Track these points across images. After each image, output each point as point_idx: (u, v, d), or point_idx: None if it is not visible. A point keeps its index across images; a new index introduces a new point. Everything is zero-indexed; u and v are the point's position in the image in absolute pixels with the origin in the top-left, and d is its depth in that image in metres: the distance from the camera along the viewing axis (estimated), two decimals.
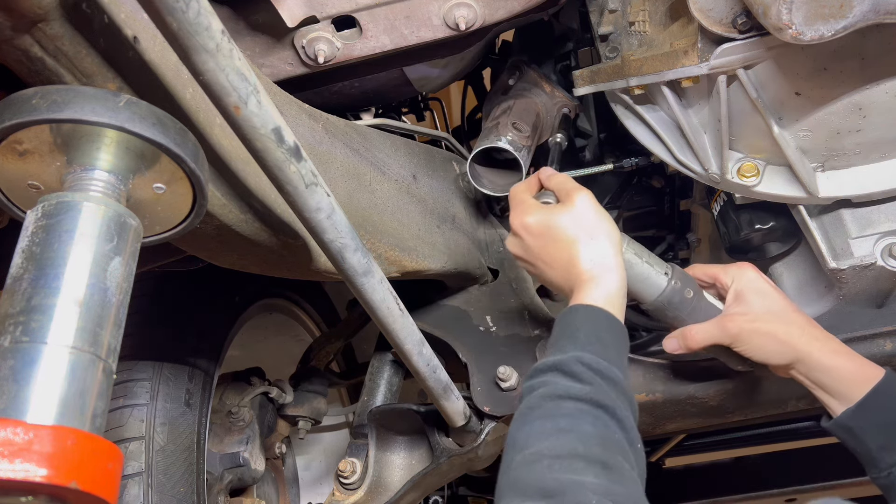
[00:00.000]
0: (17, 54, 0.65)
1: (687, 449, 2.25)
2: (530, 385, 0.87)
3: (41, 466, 0.52)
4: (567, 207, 1.00)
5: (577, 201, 1.00)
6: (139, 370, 1.35)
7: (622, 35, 1.16)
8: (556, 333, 0.94)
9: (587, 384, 0.83)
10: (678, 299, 1.08)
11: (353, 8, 1.08)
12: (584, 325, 0.92)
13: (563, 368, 0.85)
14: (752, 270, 1.08)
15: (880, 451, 0.95)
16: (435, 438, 1.46)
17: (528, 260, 1.04)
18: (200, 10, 0.60)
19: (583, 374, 0.84)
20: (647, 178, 1.67)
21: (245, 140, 0.71)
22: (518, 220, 1.03)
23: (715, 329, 1.05)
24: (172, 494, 1.28)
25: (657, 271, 1.08)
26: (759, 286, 1.06)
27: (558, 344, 0.91)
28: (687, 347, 1.08)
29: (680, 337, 1.09)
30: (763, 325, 1.03)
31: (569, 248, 0.98)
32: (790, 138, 1.06)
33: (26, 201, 0.69)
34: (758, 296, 1.05)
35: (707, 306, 1.10)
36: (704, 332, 1.06)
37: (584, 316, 0.93)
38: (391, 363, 1.65)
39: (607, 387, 0.84)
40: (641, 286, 1.08)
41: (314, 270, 1.08)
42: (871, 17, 0.82)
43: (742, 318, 1.04)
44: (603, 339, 0.90)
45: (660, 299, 1.08)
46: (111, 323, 0.63)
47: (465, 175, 1.32)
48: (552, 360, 0.87)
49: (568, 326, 0.92)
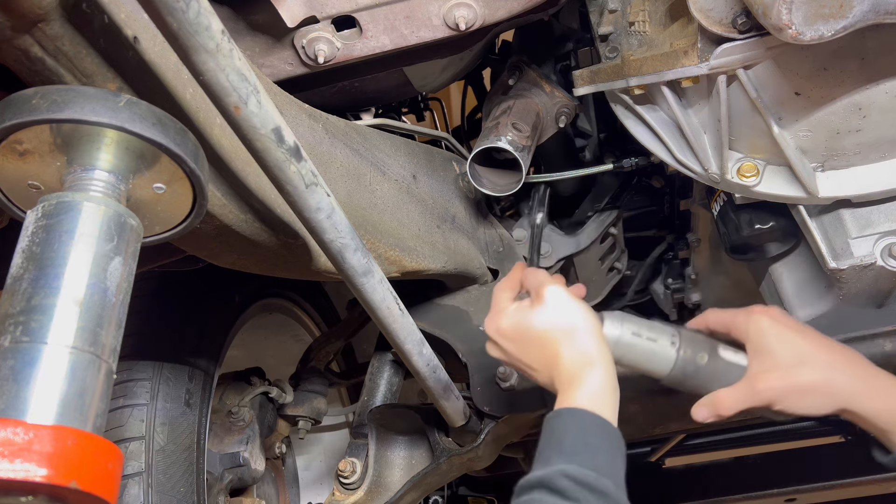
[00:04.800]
0: (17, 54, 0.65)
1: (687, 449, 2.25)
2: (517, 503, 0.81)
3: (41, 466, 0.52)
4: (538, 306, 0.96)
5: (548, 297, 0.95)
6: (139, 370, 1.35)
7: (622, 35, 1.16)
8: (543, 441, 0.88)
9: (573, 501, 0.79)
10: (692, 369, 0.99)
11: (353, 8, 1.08)
12: (570, 430, 0.86)
13: (549, 485, 0.81)
14: (764, 315, 0.99)
15: None
16: (435, 438, 1.46)
17: (511, 363, 1.00)
18: (200, 10, 0.60)
19: (569, 490, 0.80)
20: (647, 178, 1.67)
21: (245, 140, 0.71)
22: (492, 325, 1.00)
23: (745, 393, 0.96)
24: (172, 494, 1.28)
25: (663, 344, 1.00)
26: (779, 333, 0.97)
27: (544, 454, 0.86)
28: (718, 416, 0.98)
29: (710, 405, 0.99)
30: (797, 380, 0.94)
31: (546, 349, 0.94)
32: (790, 138, 1.06)
33: (26, 201, 0.69)
34: (781, 344, 0.96)
35: (727, 367, 1.00)
36: (734, 398, 0.97)
37: (569, 420, 0.88)
38: (391, 363, 1.65)
39: (595, 501, 0.80)
40: (649, 365, 1.00)
41: (314, 270, 1.08)
42: (871, 17, 0.82)
43: (772, 376, 0.95)
44: (591, 445, 0.85)
45: (673, 374, 1.00)
46: (111, 323, 0.63)
47: (465, 175, 1.32)
48: (538, 475, 0.82)
49: (553, 433, 0.87)
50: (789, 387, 0.94)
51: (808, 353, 0.95)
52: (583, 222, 1.65)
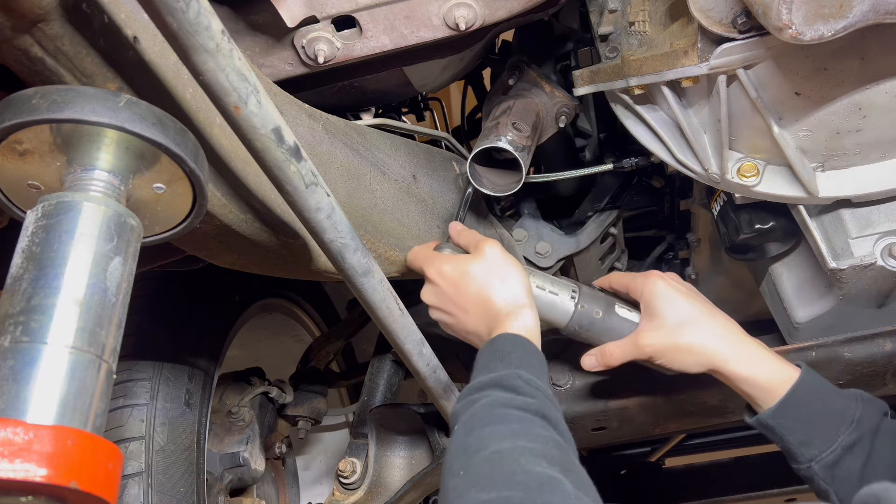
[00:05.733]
0: (17, 54, 0.65)
1: (687, 449, 2.25)
2: (470, 399, 0.85)
3: (41, 466, 0.52)
4: (478, 256, 1.05)
5: (487, 250, 1.05)
6: (139, 370, 1.35)
7: (622, 35, 1.16)
8: (484, 359, 0.94)
9: (530, 396, 0.84)
10: (587, 322, 1.12)
11: (353, 8, 1.08)
12: (515, 349, 0.93)
13: (504, 383, 0.86)
14: (660, 279, 1.10)
15: (799, 447, 0.99)
16: (435, 438, 1.46)
17: (443, 307, 1.07)
18: (200, 10, 0.60)
19: (524, 388, 0.85)
20: (647, 178, 1.67)
21: (245, 140, 0.71)
22: (434, 268, 1.07)
23: (630, 346, 1.09)
24: (172, 494, 1.28)
25: (563, 298, 1.12)
26: (668, 295, 1.08)
27: (489, 366, 0.91)
28: (605, 365, 1.11)
29: (598, 355, 1.12)
30: (676, 340, 1.05)
31: (483, 292, 1.02)
32: (790, 138, 1.06)
33: (26, 201, 0.69)
34: (668, 306, 1.07)
35: (620, 322, 1.12)
36: (620, 349, 1.10)
37: (513, 342, 0.95)
38: (391, 363, 1.65)
39: (547, 401, 0.85)
40: (550, 316, 1.12)
41: (314, 270, 1.08)
42: (871, 17, 0.82)
43: (654, 333, 1.07)
44: (533, 366, 0.92)
45: (570, 326, 1.12)
46: (111, 323, 0.63)
47: (465, 175, 1.32)
48: (490, 377, 0.88)
49: (498, 351, 0.94)
50: (669, 345, 1.05)
51: (691, 317, 1.06)
52: (583, 222, 1.65)
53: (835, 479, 0.97)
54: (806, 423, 0.99)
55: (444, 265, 1.07)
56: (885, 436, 0.96)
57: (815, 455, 0.98)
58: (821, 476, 0.98)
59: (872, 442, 0.96)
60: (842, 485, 0.96)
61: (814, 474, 0.98)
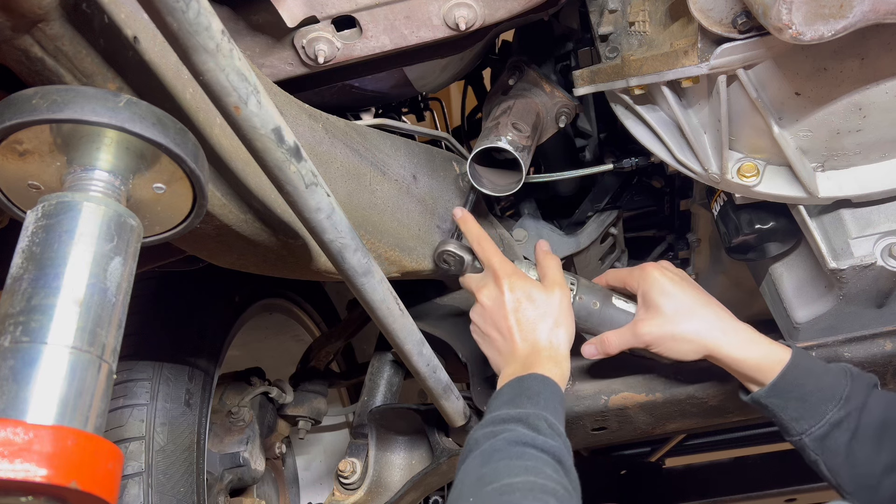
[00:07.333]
0: (17, 54, 0.65)
1: (687, 449, 2.25)
2: (493, 430, 0.91)
3: (41, 466, 0.52)
4: (549, 290, 1.11)
5: (558, 292, 1.11)
6: (139, 370, 1.34)
7: (622, 35, 1.16)
8: (512, 392, 0.99)
9: (550, 439, 0.89)
10: (585, 313, 1.17)
11: (353, 8, 1.08)
12: (545, 392, 0.98)
13: (529, 422, 0.91)
14: (656, 270, 1.15)
15: (791, 422, 1.07)
16: (435, 438, 1.46)
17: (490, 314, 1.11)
18: (200, 10, 0.60)
19: (546, 430, 0.90)
20: (647, 178, 1.67)
21: (245, 140, 0.71)
22: (508, 272, 1.11)
23: (628, 335, 1.14)
24: (172, 494, 1.28)
25: None
26: (663, 286, 1.13)
27: (516, 401, 0.96)
28: (604, 353, 1.17)
29: (598, 343, 1.17)
30: (672, 328, 1.10)
31: (538, 319, 1.08)
32: (790, 138, 1.06)
33: (26, 201, 0.69)
34: (663, 296, 1.12)
35: (617, 313, 1.17)
36: (619, 338, 1.15)
37: (544, 385, 0.99)
38: (391, 363, 1.65)
39: (564, 448, 0.90)
40: None
41: (314, 270, 1.08)
42: (871, 17, 0.82)
43: (651, 322, 1.12)
44: (557, 409, 0.97)
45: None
46: (111, 323, 0.63)
47: (465, 175, 1.32)
48: (517, 412, 0.93)
49: (528, 389, 0.98)
50: (665, 333, 1.11)
51: (686, 307, 1.11)
52: (583, 222, 1.65)
53: (824, 450, 1.05)
54: (797, 400, 1.06)
55: (518, 279, 1.11)
56: (872, 410, 1.03)
57: (806, 429, 1.06)
58: (811, 448, 1.06)
59: (859, 417, 1.03)
60: (830, 456, 1.05)
61: (805, 446, 1.07)
